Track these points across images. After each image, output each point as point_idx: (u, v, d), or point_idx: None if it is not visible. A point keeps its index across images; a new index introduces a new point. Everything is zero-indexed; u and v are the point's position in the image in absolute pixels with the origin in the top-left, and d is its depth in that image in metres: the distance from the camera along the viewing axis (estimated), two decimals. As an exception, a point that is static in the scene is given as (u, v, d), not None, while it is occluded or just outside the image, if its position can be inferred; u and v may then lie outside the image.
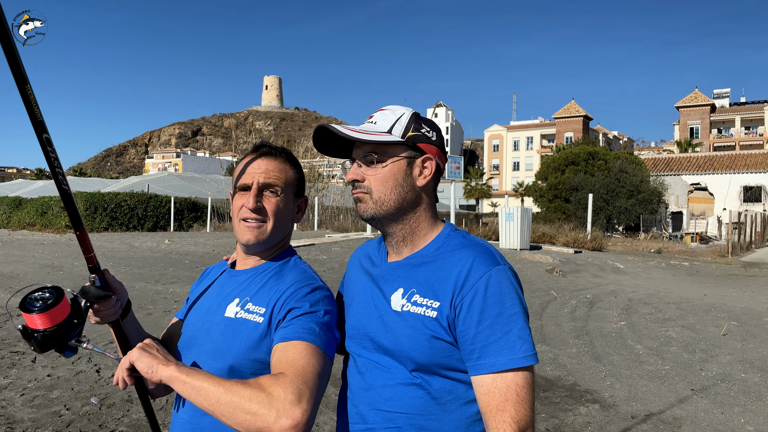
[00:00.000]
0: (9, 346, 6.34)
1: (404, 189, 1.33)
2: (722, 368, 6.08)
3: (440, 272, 1.27)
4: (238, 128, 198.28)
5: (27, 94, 1.11)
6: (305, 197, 1.57)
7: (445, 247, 1.32)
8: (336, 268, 12.50)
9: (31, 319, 1.21)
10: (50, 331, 1.22)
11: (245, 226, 1.43)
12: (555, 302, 9.71)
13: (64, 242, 19.55)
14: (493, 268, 1.23)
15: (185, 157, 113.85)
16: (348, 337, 1.39)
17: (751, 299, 10.74)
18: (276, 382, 1.15)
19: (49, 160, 1.18)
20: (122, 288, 1.41)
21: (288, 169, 1.48)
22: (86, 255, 1.29)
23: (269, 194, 1.44)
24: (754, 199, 38.70)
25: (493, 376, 1.16)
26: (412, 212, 1.35)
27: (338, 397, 1.41)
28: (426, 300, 1.25)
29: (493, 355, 1.17)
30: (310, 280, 1.41)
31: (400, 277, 1.33)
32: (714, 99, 75.65)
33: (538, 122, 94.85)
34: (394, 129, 1.33)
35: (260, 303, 1.39)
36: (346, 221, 26.83)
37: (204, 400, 1.15)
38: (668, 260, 17.48)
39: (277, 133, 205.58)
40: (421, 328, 1.23)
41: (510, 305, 1.20)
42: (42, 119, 1.15)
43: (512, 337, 1.17)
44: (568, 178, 35.38)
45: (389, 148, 1.33)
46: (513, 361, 1.16)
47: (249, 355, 1.34)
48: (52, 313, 1.21)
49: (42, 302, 1.22)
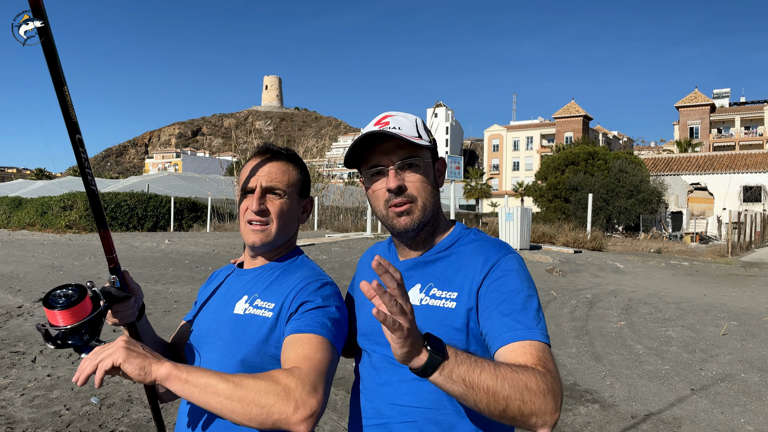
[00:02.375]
0: (9, 346, 6.34)
1: (436, 192, 1.38)
2: (722, 368, 6.09)
3: (456, 265, 1.32)
4: (238, 128, 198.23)
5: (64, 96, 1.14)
6: (311, 198, 1.57)
7: (460, 243, 1.38)
8: (336, 268, 12.49)
9: (53, 315, 1.21)
10: (71, 328, 1.21)
11: (250, 228, 1.45)
12: (555, 302, 9.71)
13: (64, 242, 19.55)
14: (508, 254, 1.30)
15: (185, 157, 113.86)
16: (362, 334, 1.41)
17: (750, 299, 10.74)
18: (292, 375, 1.15)
19: (80, 160, 1.21)
20: (139, 290, 1.41)
21: (291, 170, 1.49)
22: (108, 255, 1.30)
23: (273, 197, 1.45)
24: (753, 199, 38.69)
25: (522, 343, 1.16)
26: (437, 213, 1.40)
27: (351, 392, 1.44)
28: (444, 293, 1.29)
29: (517, 326, 1.18)
30: (319, 276, 1.43)
31: (417, 273, 1.36)
32: (714, 99, 75.66)
33: (538, 122, 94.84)
34: (422, 133, 1.36)
35: (269, 299, 1.40)
36: (346, 221, 26.81)
37: (211, 397, 1.11)
38: (668, 260, 17.48)
39: (277, 133, 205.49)
40: (441, 320, 1.27)
41: (527, 286, 1.25)
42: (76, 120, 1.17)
43: (531, 312, 1.21)
44: (567, 178, 35.37)
45: (422, 153, 1.36)
46: (534, 334, 1.17)
47: (259, 350, 1.35)
48: (74, 311, 1.21)
49: (65, 299, 1.21)
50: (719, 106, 74.70)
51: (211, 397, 1.11)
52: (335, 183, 35.50)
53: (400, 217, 1.33)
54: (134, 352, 1.13)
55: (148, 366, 1.12)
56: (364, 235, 19.82)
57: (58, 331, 1.22)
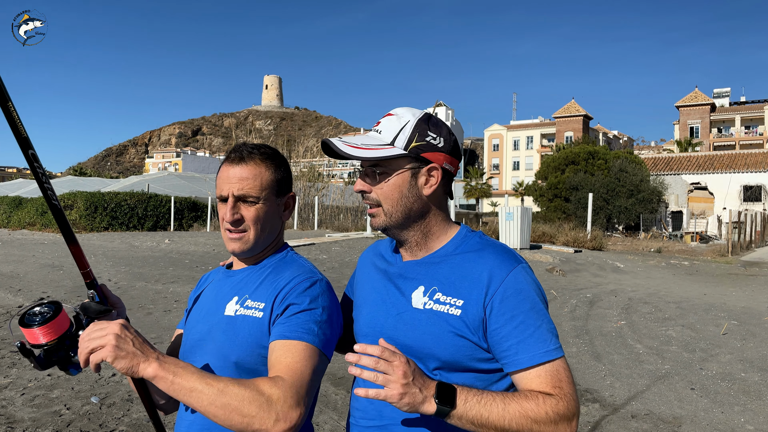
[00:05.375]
0: (9, 346, 6.34)
1: (410, 200, 1.33)
2: (722, 367, 6.09)
3: (461, 270, 1.30)
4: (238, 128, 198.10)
5: (10, 112, 1.11)
6: (292, 193, 1.53)
7: (464, 247, 1.35)
8: (336, 267, 12.49)
9: (31, 333, 1.20)
10: (52, 344, 1.21)
11: (228, 237, 1.43)
12: (555, 301, 9.71)
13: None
14: (517, 266, 1.28)
15: (185, 156, 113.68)
16: (363, 335, 1.39)
17: (751, 298, 10.73)
18: (275, 385, 1.16)
19: (37, 176, 1.19)
20: (120, 302, 1.40)
21: (263, 171, 1.43)
22: (82, 270, 1.28)
23: (246, 205, 1.41)
24: (754, 199, 38.67)
25: (537, 367, 1.20)
26: (422, 220, 1.36)
27: (351, 392, 1.43)
28: (449, 298, 1.27)
29: (531, 348, 1.21)
30: (308, 274, 1.41)
31: (420, 275, 1.34)
32: (714, 98, 75.59)
33: (538, 122, 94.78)
34: (397, 140, 1.32)
35: (259, 299, 1.38)
36: (346, 221, 26.82)
37: (195, 401, 1.13)
38: (668, 259, 17.48)
39: (277, 132, 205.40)
40: (444, 326, 1.25)
41: (538, 301, 1.26)
42: (27, 136, 1.15)
43: (544, 331, 1.23)
44: (568, 177, 35.35)
45: (393, 161, 1.32)
46: (549, 353, 1.21)
47: (253, 351, 1.34)
48: (52, 326, 1.20)
49: (41, 316, 1.21)
50: (719, 106, 74.63)
51: (196, 401, 1.13)
52: (335, 183, 35.48)
53: (371, 218, 1.38)
54: (123, 351, 1.13)
55: (135, 366, 1.13)
56: (364, 234, 19.81)
57: (40, 349, 1.21)
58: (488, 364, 1.27)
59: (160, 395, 1.47)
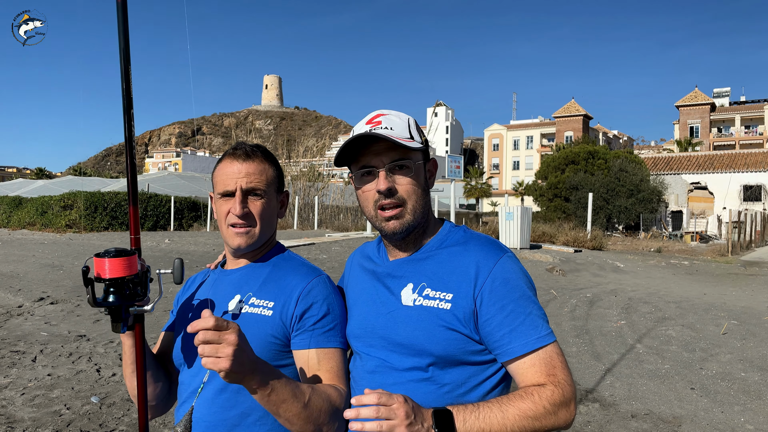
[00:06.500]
0: (9, 346, 6.34)
1: (426, 194, 1.37)
2: (722, 367, 6.09)
3: (449, 265, 1.31)
4: (238, 127, 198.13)
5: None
6: (286, 191, 1.57)
7: (449, 241, 1.37)
8: (336, 267, 12.50)
9: (100, 263, 1.21)
10: (116, 280, 1.21)
11: (234, 232, 1.43)
12: (555, 301, 9.71)
13: (64, 242, 19.54)
14: (503, 256, 1.30)
15: (185, 156, 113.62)
16: (355, 336, 1.40)
17: (751, 298, 10.74)
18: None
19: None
20: None
21: (267, 168, 1.47)
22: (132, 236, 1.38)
23: (253, 198, 1.44)
24: (754, 198, 38.67)
25: (530, 355, 1.22)
26: (427, 214, 1.39)
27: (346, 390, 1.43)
28: (438, 293, 1.29)
29: (523, 336, 1.22)
30: (313, 273, 1.44)
31: (408, 273, 1.35)
32: (714, 98, 75.62)
33: (538, 121, 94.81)
34: (414, 135, 1.35)
35: (266, 297, 1.40)
36: (346, 220, 26.83)
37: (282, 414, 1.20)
38: (668, 259, 17.48)
39: (277, 132, 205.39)
40: (435, 320, 1.26)
41: (526, 289, 1.27)
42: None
43: (534, 317, 1.24)
44: (568, 177, 35.34)
45: (413, 155, 1.34)
46: (541, 339, 1.22)
47: (263, 349, 1.34)
48: (123, 262, 1.21)
49: (116, 250, 1.23)
50: (719, 106, 74.65)
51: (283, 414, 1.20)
52: (335, 182, 35.48)
53: (389, 221, 1.33)
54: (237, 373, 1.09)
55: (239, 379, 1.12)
56: (364, 234, 19.82)
57: (102, 282, 1.22)
58: (481, 356, 1.28)
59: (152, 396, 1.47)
